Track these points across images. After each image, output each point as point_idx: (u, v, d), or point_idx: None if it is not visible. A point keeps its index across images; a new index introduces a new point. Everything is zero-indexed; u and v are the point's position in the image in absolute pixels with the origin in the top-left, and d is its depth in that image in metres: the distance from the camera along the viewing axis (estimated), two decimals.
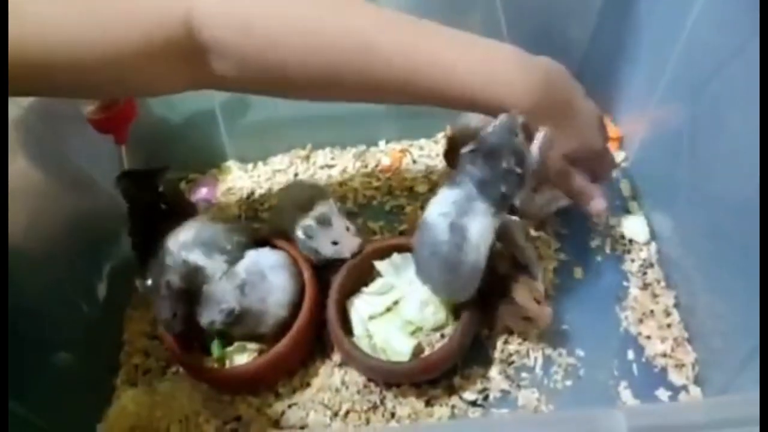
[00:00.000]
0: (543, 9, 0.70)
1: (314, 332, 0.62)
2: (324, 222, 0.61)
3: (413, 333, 0.61)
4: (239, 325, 0.58)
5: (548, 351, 0.61)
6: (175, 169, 0.80)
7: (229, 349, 0.61)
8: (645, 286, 0.65)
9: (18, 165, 0.62)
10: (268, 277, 0.59)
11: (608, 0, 0.69)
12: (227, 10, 0.47)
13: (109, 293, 0.68)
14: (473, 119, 0.70)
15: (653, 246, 0.67)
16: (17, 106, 0.62)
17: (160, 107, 0.78)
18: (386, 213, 0.74)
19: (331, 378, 0.61)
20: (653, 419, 0.26)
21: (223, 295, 0.57)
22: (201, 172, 0.81)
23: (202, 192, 0.77)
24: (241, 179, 0.79)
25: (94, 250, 0.69)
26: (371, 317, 0.61)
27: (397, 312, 0.62)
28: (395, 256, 0.64)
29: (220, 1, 0.47)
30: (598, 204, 0.58)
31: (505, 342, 0.62)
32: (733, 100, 0.52)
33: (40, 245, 0.63)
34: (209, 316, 0.57)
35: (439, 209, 0.54)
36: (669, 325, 0.62)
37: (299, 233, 0.62)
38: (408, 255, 0.62)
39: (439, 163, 0.78)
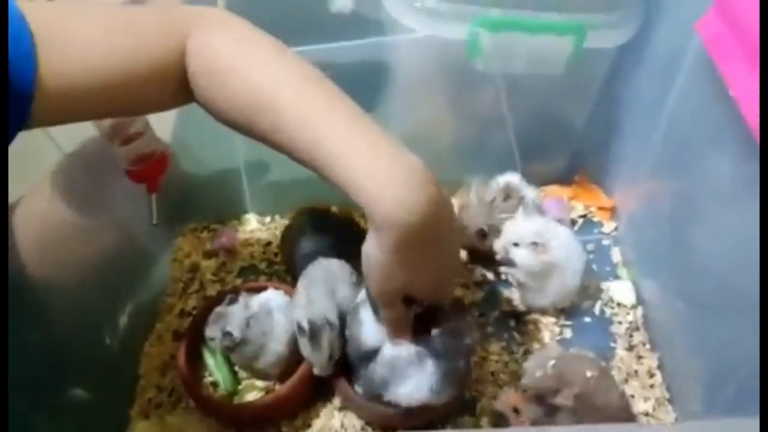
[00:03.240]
0: (543, 91, 0.75)
1: (317, 377, 0.66)
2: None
3: None
4: (238, 353, 0.64)
5: None
6: (198, 219, 0.88)
7: (240, 387, 0.65)
8: (631, 348, 0.69)
9: (56, 206, 0.69)
10: (273, 315, 0.64)
11: (603, 84, 0.75)
12: (203, 51, 0.52)
13: (130, 330, 0.73)
14: (502, 179, 0.76)
15: (639, 310, 0.71)
16: (59, 150, 0.69)
17: (189, 162, 0.85)
18: None
19: (332, 420, 0.65)
20: None
21: (232, 320, 0.63)
22: (222, 222, 0.88)
23: (222, 240, 0.82)
24: (259, 231, 0.85)
25: (119, 290, 0.75)
26: None
27: None
28: None
29: (206, 42, 0.52)
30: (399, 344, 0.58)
31: (493, 398, 0.65)
32: (709, 181, 0.57)
33: (72, 281, 0.69)
34: (212, 333, 0.64)
35: None
36: (652, 386, 0.65)
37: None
38: None
39: None
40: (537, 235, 0.68)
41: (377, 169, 0.47)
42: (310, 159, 0.49)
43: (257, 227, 0.86)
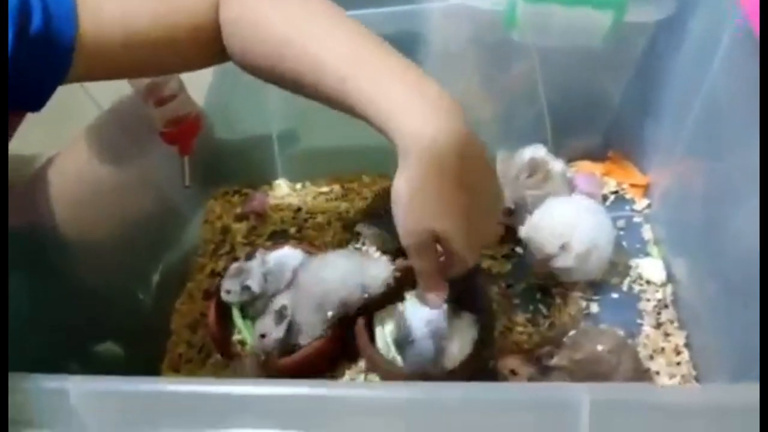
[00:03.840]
0: (579, 64, 0.73)
1: (343, 339, 0.67)
2: None
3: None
4: (254, 308, 0.67)
5: None
6: (230, 183, 0.89)
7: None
8: (658, 325, 0.68)
9: (92, 164, 0.70)
10: (289, 271, 0.67)
11: (641, 60, 0.73)
12: (233, 4, 0.53)
13: (162, 288, 0.76)
14: (526, 153, 0.75)
15: (669, 288, 0.71)
16: (97, 107, 0.70)
17: (222, 127, 0.86)
18: None
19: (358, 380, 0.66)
20: (615, 395, 0.30)
21: (251, 274, 0.65)
22: (253, 187, 0.89)
23: (253, 204, 0.84)
24: (289, 196, 0.86)
25: (152, 249, 0.77)
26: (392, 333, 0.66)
27: None
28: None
29: None
30: (434, 301, 0.54)
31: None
32: (745, 162, 0.56)
33: (106, 238, 0.71)
34: (230, 285, 0.67)
35: None
36: (678, 363, 0.65)
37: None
38: None
39: None
40: (561, 236, 0.67)
41: (401, 99, 0.46)
42: (337, 95, 0.49)
43: (288, 193, 0.87)
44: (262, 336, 0.63)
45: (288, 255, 0.70)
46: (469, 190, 0.47)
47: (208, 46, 0.55)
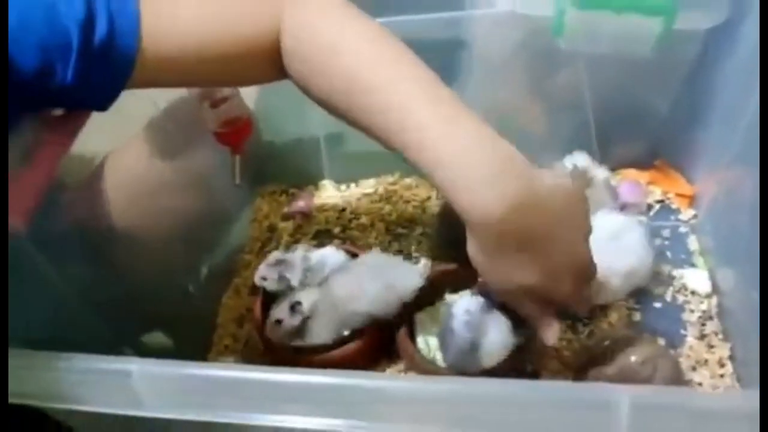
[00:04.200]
0: (627, 72, 0.73)
1: (383, 338, 0.68)
2: None
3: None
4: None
5: None
6: (277, 183, 0.92)
7: None
8: (702, 337, 0.67)
9: (150, 163, 0.73)
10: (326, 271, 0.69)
11: (691, 68, 0.73)
12: (300, 31, 0.54)
13: (210, 282, 0.79)
14: (570, 161, 0.75)
15: (714, 299, 0.70)
16: (154, 107, 0.73)
17: (271, 129, 0.89)
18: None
19: None
20: (655, 397, 0.31)
21: (292, 266, 0.68)
22: (299, 188, 0.91)
23: (299, 204, 0.86)
24: (334, 197, 0.89)
25: (202, 245, 0.80)
26: (432, 332, 0.67)
27: None
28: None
29: (299, 17, 0.54)
30: (549, 335, 0.53)
31: (555, 374, 0.65)
32: None
33: (159, 233, 0.74)
34: (266, 273, 0.69)
35: None
36: (722, 375, 0.64)
37: None
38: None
39: None
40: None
41: (466, 164, 0.45)
42: (402, 146, 0.48)
43: (333, 194, 0.89)
44: (278, 321, 0.65)
45: (329, 255, 0.71)
46: (547, 242, 0.47)
47: (266, 65, 0.56)
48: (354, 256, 0.72)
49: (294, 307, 0.65)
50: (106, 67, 0.51)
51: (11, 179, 0.51)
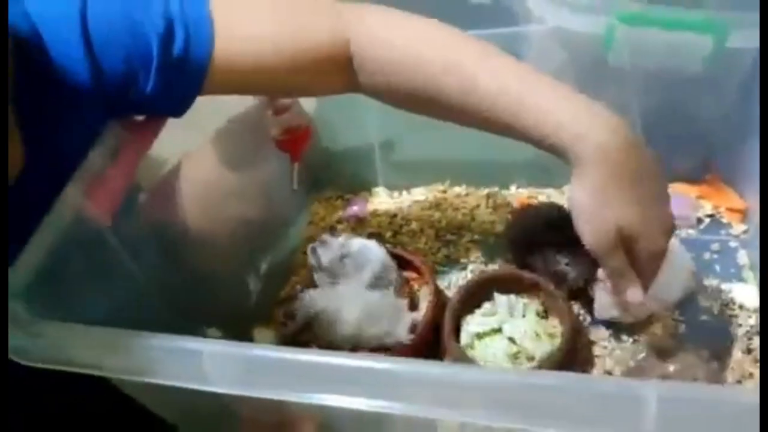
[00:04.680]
0: (677, 88, 0.74)
1: (431, 337, 0.70)
2: None
3: (515, 357, 0.68)
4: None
5: None
6: (333, 188, 0.97)
7: None
8: (748, 351, 0.68)
9: (219, 169, 0.79)
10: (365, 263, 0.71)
11: (742, 84, 0.73)
12: (367, 34, 0.59)
13: (269, 280, 0.84)
14: None
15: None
16: (225, 118, 0.79)
17: (327, 137, 0.94)
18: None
19: None
20: (684, 393, 0.33)
21: (328, 247, 0.71)
22: (354, 193, 0.96)
23: (354, 209, 0.91)
24: (387, 203, 0.93)
25: (262, 244, 0.85)
26: (478, 335, 0.70)
27: (503, 336, 0.69)
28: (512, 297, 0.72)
29: (366, 27, 0.59)
30: (634, 295, 0.56)
31: None
32: None
33: (225, 234, 0.78)
34: (311, 250, 0.73)
35: None
36: None
37: None
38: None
39: None
40: None
41: (578, 112, 0.52)
42: (509, 116, 0.53)
43: (386, 200, 0.93)
44: (290, 317, 0.69)
45: (372, 248, 0.72)
46: (641, 185, 0.53)
47: (331, 76, 0.61)
48: (399, 258, 0.75)
49: (288, 314, 0.69)
50: (182, 76, 0.56)
51: (98, 178, 0.57)
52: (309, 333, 0.69)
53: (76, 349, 0.44)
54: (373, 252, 0.72)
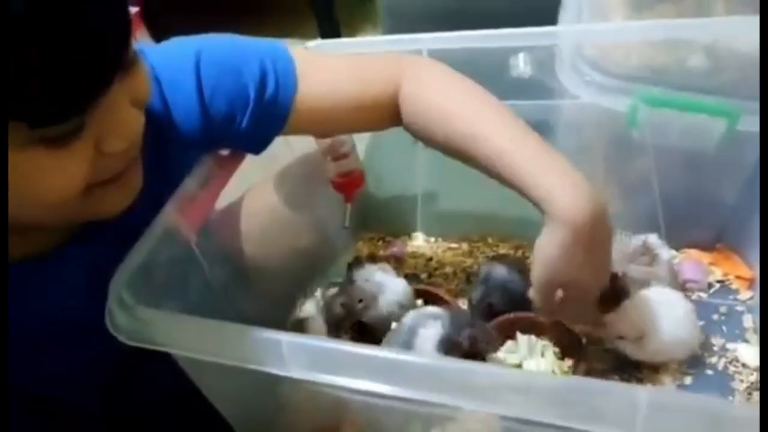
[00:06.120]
0: (694, 164, 0.82)
1: None
2: None
3: None
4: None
5: None
6: (376, 230, 1.07)
7: None
8: None
9: (280, 202, 0.89)
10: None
11: (755, 164, 0.79)
12: (413, 86, 0.70)
13: None
14: (641, 238, 0.85)
15: None
16: (291, 151, 0.89)
17: (375, 184, 1.04)
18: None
19: None
20: (673, 399, 0.40)
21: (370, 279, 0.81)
22: (395, 236, 1.05)
23: (393, 250, 1.00)
24: (424, 247, 1.02)
25: (311, 274, 0.94)
26: None
27: None
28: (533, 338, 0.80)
29: (414, 81, 0.70)
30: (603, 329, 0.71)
31: None
32: None
33: (281, 264, 0.87)
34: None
35: None
36: None
37: None
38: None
39: None
40: (639, 330, 0.74)
41: (559, 180, 0.60)
42: (507, 174, 0.62)
43: (423, 244, 1.02)
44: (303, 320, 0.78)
45: (392, 279, 0.82)
46: (598, 250, 0.62)
47: (386, 114, 0.72)
48: (426, 294, 0.84)
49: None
50: (269, 118, 0.67)
51: (191, 199, 0.67)
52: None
53: (174, 333, 0.54)
54: (393, 281, 0.81)
